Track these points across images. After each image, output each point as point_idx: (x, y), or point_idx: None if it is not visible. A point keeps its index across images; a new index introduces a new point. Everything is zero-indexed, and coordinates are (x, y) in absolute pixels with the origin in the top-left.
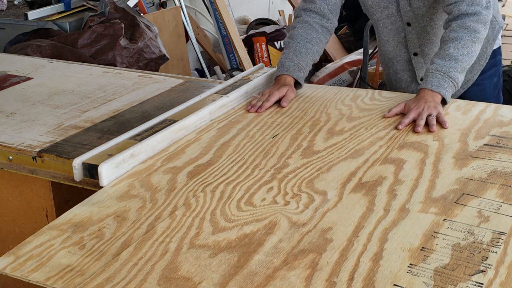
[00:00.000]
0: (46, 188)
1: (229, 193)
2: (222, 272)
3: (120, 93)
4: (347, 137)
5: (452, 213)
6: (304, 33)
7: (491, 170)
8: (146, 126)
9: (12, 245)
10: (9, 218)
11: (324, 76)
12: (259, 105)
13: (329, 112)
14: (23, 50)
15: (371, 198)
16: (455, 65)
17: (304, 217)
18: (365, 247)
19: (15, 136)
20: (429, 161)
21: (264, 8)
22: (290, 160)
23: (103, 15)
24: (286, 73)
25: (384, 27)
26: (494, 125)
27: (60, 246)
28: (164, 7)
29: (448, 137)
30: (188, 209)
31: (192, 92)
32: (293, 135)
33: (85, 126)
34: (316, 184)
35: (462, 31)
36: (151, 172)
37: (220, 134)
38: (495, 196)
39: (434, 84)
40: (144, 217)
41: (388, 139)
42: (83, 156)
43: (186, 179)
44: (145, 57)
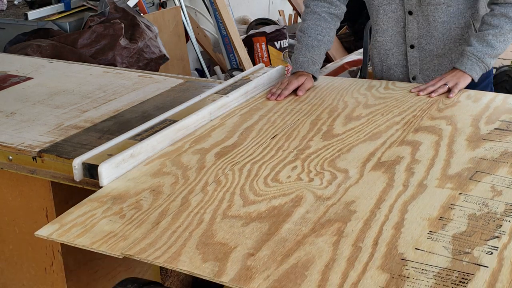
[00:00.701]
0: (46, 188)
1: (256, 171)
2: (255, 238)
3: (120, 93)
4: (364, 122)
5: (467, 188)
6: (314, 25)
7: (502, 151)
8: (146, 126)
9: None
10: (9, 218)
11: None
12: (279, 93)
13: (346, 100)
14: (23, 50)
15: (390, 175)
16: (490, 52)
17: (328, 192)
18: (387, 217)
19: (15, 136)
20: (444, 143)
21: (264, 8)
22: (311, 143)
23: (103, 15)
24: (301, 70)
25: (384, 13)
26: (504, 112)
27: (102, 216)
28: (164, 7)
29: (460, 122)
30: (219, 185)
31: (192, 92)
32: (312, 120)
33: (85, 126)
34: (338, 163)
35: (504, 19)
36: (180, 153)
37: (243, 119)
38: (507, 173)
39: (468, 66)
40: (178, 191)
41: (403, 123)
42: (83, 156)
43: (214, 159)
44: (145, 57)
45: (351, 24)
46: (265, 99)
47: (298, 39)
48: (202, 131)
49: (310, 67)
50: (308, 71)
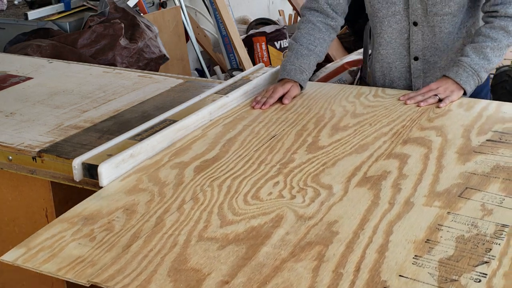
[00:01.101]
0: (46, 188)
1: (236, 187)
2: (230, 263)
3: (120, 93)
4: (352, 133)
5: (456, 207)
6: (307, 34)
7: (494, 164)
8: (146, 126)
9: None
10: (9, 218)
11: (324, 76)
12: (264, 101)
13: (333, 108)
14: (23, 50)
15: (376, 192)
16: (487, 65)
17: (310, 211)
18: (371, 239)
19: (15, 136)
20: (433, 156)
21: (264, 8)
22: (295, 155)
23: (103, 15)
24: (287, 77)
25: (388, 25)
26: (496, 121)
27: (71, 238)
28: (164, 7)
29: (451, 132)
30: (196, 203)
31: (192, 92)
32: (298, 131)
33: (85, 126)
34: (322, 178)
35: (502, 33)
36: (158, 167)
37: (226, 130)
38: (498, 190)
39: (463, 79)
40: (152, 210)
41: (392, 134)
42: (83, 156)
43: (193, 174)
44: (145, 57)
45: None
46: (249, 108)
47: (290, 47)
48: (183, 142)
49: (297, 75)
50: (294, 79)
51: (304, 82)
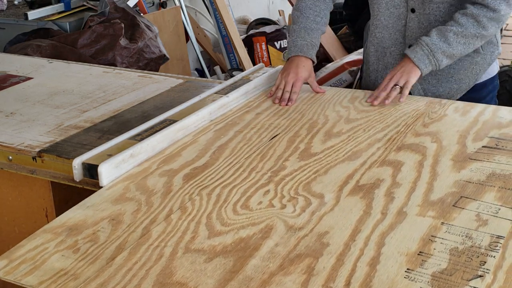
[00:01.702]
0: (46, 188)
1: (225, 196)
2: (217, 277)
3: (120, 93)
4: (345, 139)
5: (450, 217)
6: (312, 5)
7: (489, 172)
8: (146, 126)
9: (12, 245)
10: (9, 218)
11: (324, 76)
12: (287, 97)
13: (327, 114)
14: (23, 50)
15: (368, 201)
16: (446, 49)
17: (300, 221)
18: (362, 252)
19: (15, 136)
20: (427, 163)
21: (264, 8)
22: (287, 163)
23: (103, 15)
24: (300, 54)
25: (386, 8)
26: (493, 126)
27: (54, 250)
28: (164, 7)
29: (446, 139)
30: (184, 213)
31: (192, 92)
32: (290, 137)
33: (85, 126)
34: (313, 187)
35: (472, 22)
36: (147, 174)
37: (217, 136)
38: (494, 199)
39: (417, 56)
40: (139, 220)
41: (386, 141)
42: (83, 156)
43: (182, 182)
44: (145, 57)
45: (351, 24)
46: (243, 113)
47: (295, 19)
48: (173, 149)
49: (309, 51)
50: (307, 56)
51: (315, 58)
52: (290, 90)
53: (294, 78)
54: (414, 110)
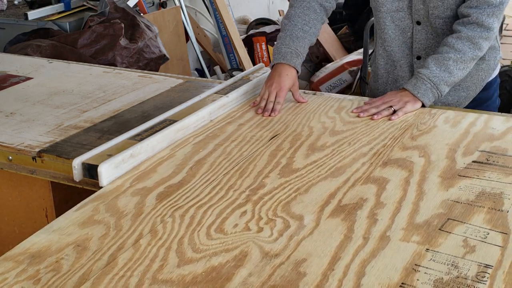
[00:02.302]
0: (46, 188)
1: (200, 218)
2: None
3: (120, 93)
4: (329, 153)
5: (435, 242)
6: (302, 13)
7: (479, 191)
8: (146, 126)
9: (12, 245)
10: (9, 218)
11: (324, 76)
12: (270, 107)
13: (312, 125)
14: (23, 50)
15: (350, 224)
16: (447, 79)
17: (277, 247)
18: (341, 283)
19: (15, 136)
20: (414, 180)
21: (264, 8)
22: (267, 180)
23: (103, 15)
24: (283, 61)
25: (391, 21)
26: (484, 139)
27: (14, 281)
28: (164, 7)
29: (435, 153)
30: (154, 237)
31: (192, 92)
32: (272, 151)
33: (85, 126)
34: (293, 207)
35: (468, 45)
36: (119, 193)
37: (196, 150)
38: (483, 221)
39: (421, 91)
40: (106, 246)
41: (371, 155)
42: (82, 156)
43: (155, 202)
44: (145, 57)
45: (351, 24)
46: (225, 124)
47: (283, 27)
48: (149, 164)
49: (293, 59)
50: (290, 64)
51: (299, 66)
52: (273, 100)
53: (278, 88)
54: (402, 121)
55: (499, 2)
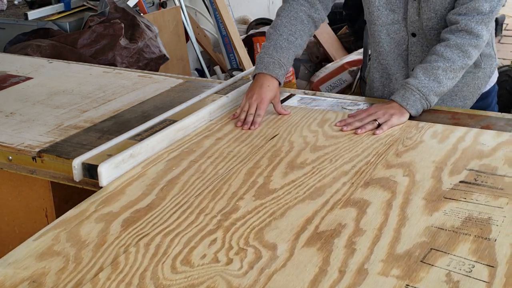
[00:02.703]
0: (46, 188)
1: (166, 247)
2: None
3: (120, 93)
4: (308, 172)
5: (416, 277)
6: (288, 23)
7: (465, 216)
8: (146, 126)
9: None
10: (9, 218)
11: (324, 76)
12: (250, 120)
13: (293, 140)
14: (23, 50)
15: (326, 254)
16: (437, 89)
17: (246, 281)
18: None
19: (15, 136)
20: (396, 203)
21: (264, 8)
22: (241, 202)
23: (103, 15)
24: (265, 72)
25: (387, 34)
26: (473, 156)
27: None
28: (164, 7)
29: (420, 171)
30: (115, 271)
31: (192, 92)
32: (249, 169)
33: (85, 126)
34: (267, 234)
35: (458, 53)
36: (82, 219)
37: (169, 167)
38: (468, 252)
39: (410, 102)
40: (62, 282)
41: (353, 174)
42: (82, 156)
43: (119, 230)
44: (145, 57)
45: (351, 24)
46: (202, 138)
47: (268, 36)
48: (117, 184)
49: (275, 70)
50: (272, 74)
51: (282, 78)
52: (254, 113)
53: (258, 100)
54: (388, 136)
55: (488, 10)
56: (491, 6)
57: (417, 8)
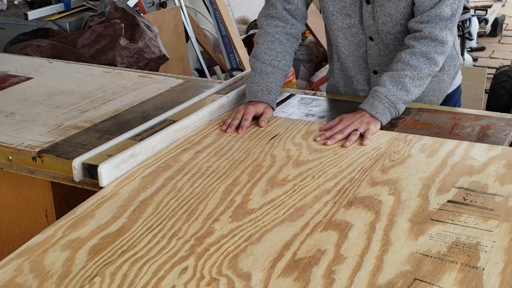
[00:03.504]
0: (46, 188)
1: (133, 277)
2: None
3: (120, 93)
4: (289, 190)
5: None
6: (268, 49)
7: (452, 241)
8: (146, 126)
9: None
10: (9, 218)
11: (324, 76)
12: (236, 124)
13: (275, 153)
14: (23, 50)
15: (303, 285)
16: (405, 97)
17: None
18: None
19: (15, 136)
20: (380, 226)
21: None
22: (216, 224)
23: (103, 15)
24: (255, 99)
25: (344, 38)
26: (463, 172)
27: None
28: (164, 7)
29: (406, 189)
30: None
31: (192, 92)
32: (227, 186)
33: (85, 126)
34: (241, 262)
35: (423, 61)
36: (48, 247)
37: (143, 186)
38: (454, 283)
39: (379, 111)
40: None
41: (336, 192)
42: (82, 156)
43: (86, 258)
44: (145, 57)
45: None
46: (180, 151)
47: (251, 65)
48: (87, 206)
49: (264, 96)
50: (262, 101)
51: (274, 102)
52: (240, 118)
53: (246, 108)
54: (374, 149)
55: (450, 15)
56: (453, 9)
57: (372, 12)
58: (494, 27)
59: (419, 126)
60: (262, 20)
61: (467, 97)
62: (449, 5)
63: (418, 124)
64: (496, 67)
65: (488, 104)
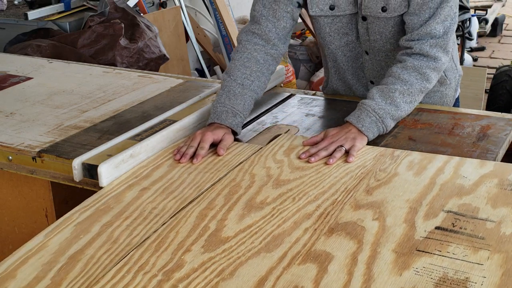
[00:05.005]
0: (46, 188)
1: None
2: None
3: (120, 93)
4: (267, 214)
5: None
6: (242, 66)
7: (439, 276)
8: (146, 126)
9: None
10: (9, 218)
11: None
12: (191, 153)
13: (255, 172)
14: (23, 50)
15: None
16: (394, 113)
17: None
18: None
19: (15, 136)
20: (362, 257)
21: None
22: (187, 256)
23: (103, 15)
24: (217, 121)
25: (343, 55)
26: (452, 192)
27: None
28: (164, 7)
29: (392, 214)
30: None
31: (192, 92)
32: (201, 211)
33: (85, 126)
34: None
35: (415, 76)
36: None
37: (76, 235)
38: None
39: (365, 125)
40: None
41: (317, 217)
42: (82, 156)
43: None
44: (145, 57)
45: None
46: (125, 188)
47: (222, 83)
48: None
49: (229, 119)
50: (226, 124)
51: (238, 127)
52: (196, 146)
53: (203, 134)
54: (359, 167)
55: (443, 32)
56: (445, 27)
57: (366, 28)
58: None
59: (419, 126)
60: (242, 36)
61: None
62: (441, 23)
63: (418, 124)
64: (496, 67)
65: (488, 104)
